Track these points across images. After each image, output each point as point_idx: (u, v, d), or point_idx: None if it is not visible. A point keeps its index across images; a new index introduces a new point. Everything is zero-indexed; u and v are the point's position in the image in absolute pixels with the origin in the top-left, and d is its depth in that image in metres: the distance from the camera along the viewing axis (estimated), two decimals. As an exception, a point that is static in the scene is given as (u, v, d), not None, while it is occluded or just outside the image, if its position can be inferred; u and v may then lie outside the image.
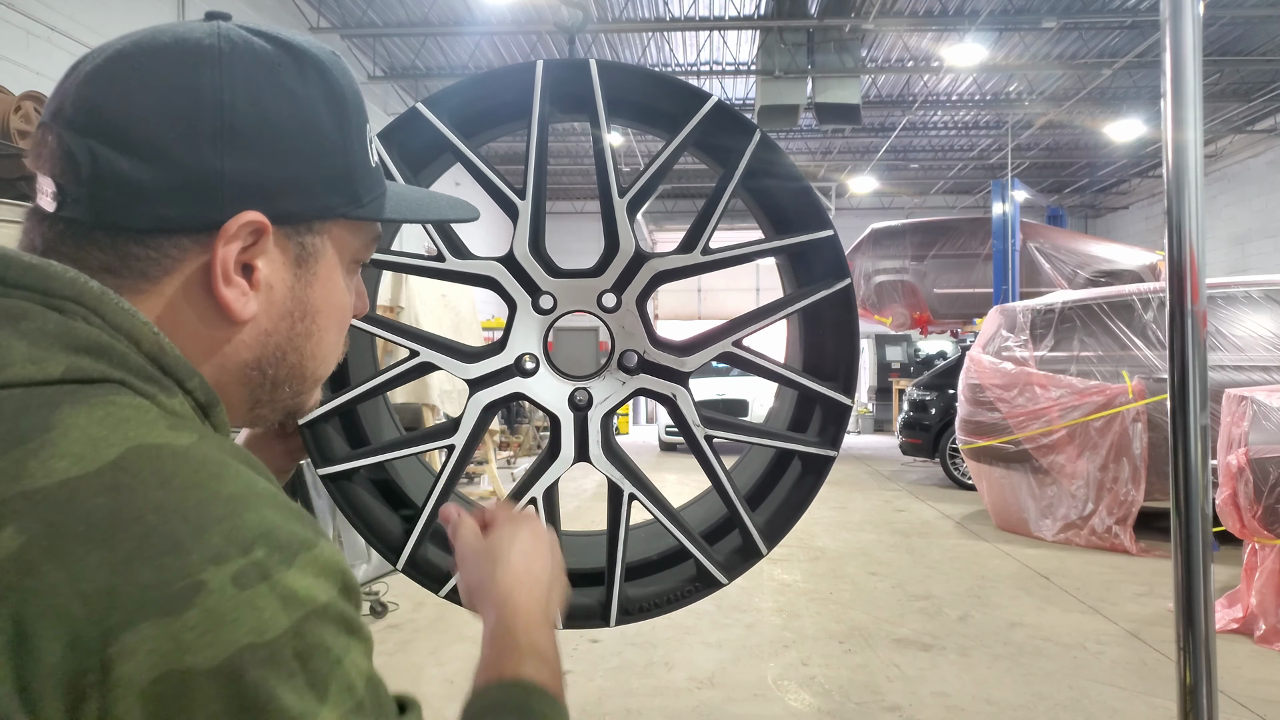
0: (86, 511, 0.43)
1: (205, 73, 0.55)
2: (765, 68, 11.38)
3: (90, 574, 0.41)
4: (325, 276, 0.63)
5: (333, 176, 0.61)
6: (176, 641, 0.41)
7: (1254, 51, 12.22)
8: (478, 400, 1.20)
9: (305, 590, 0.46)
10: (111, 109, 0.54)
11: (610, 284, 1.17)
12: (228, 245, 0.56)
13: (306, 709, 0.44)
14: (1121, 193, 20.58)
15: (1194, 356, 1.22)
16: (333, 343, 0.67)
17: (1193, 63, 1.19)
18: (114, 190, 0.54)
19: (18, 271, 0.51)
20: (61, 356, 0.49)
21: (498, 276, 1.19)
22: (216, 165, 0.55)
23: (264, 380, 0.62)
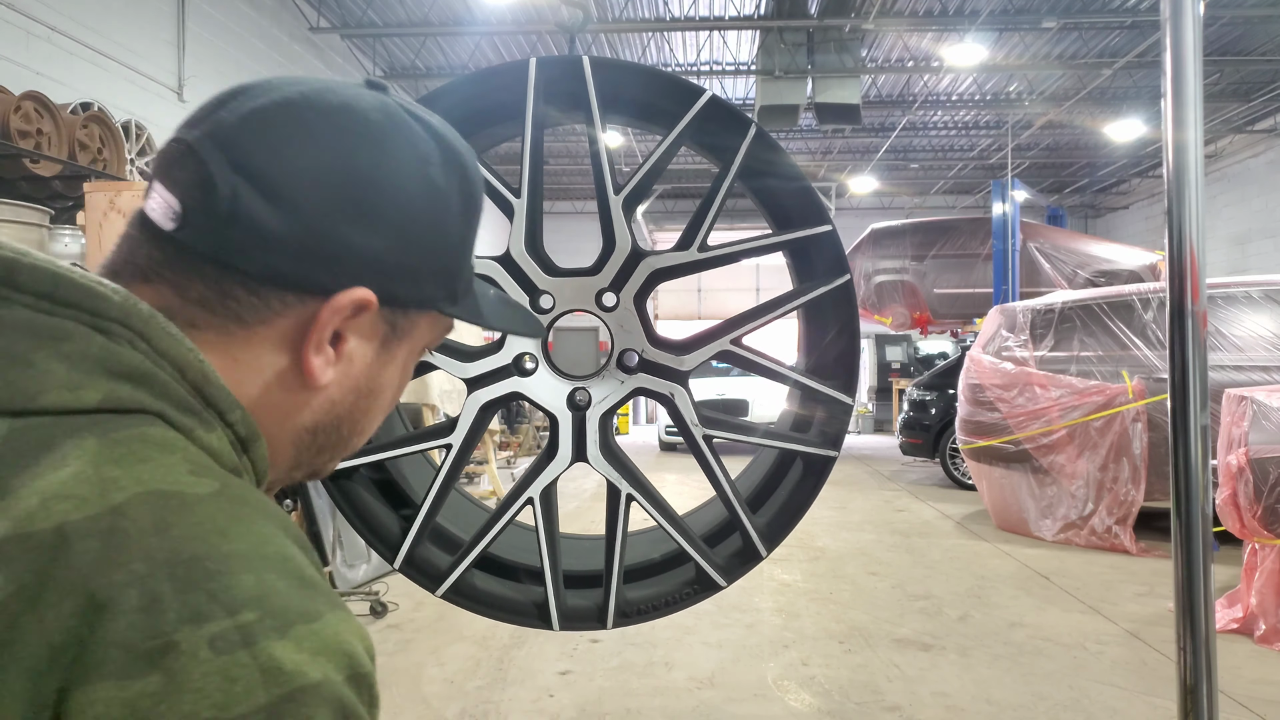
0: (73, 557, 0.40)
1: (364, 149, 0.56)
2: (765, 68, 11.38)
3: (61, 625, 0.39)
4: (402, 361, 0.64)
5: (443, 271, 0.62)
6: (130, 708, 0.38)
7: (1254, 51, 12.22)
8: (475, 399, 1.20)
9: (294, 665, 0.41)
10: (268, 156, 0.54)
11: (608, 282, 1.17)
12: (333, 314, 0.56)
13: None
14: (1121, 193, 20.58)
15: (1194, 356, 1.22)
16: (377, 422, 0.67)
17: (1193, 63, 1.19)
18: (243, 232, 0.53)
19: (68, 289, 0.50)
20: (101, 383, 0.47)
21: (495, 276, 1.19)
22: (347, 237, 0.55)
23: (313, 444, 0.63)
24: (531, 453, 12.34)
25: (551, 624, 1.22)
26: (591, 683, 3.75)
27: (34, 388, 0.46)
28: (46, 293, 0.49)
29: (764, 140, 1.16)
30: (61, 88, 6.45)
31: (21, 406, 0.45)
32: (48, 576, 0.40)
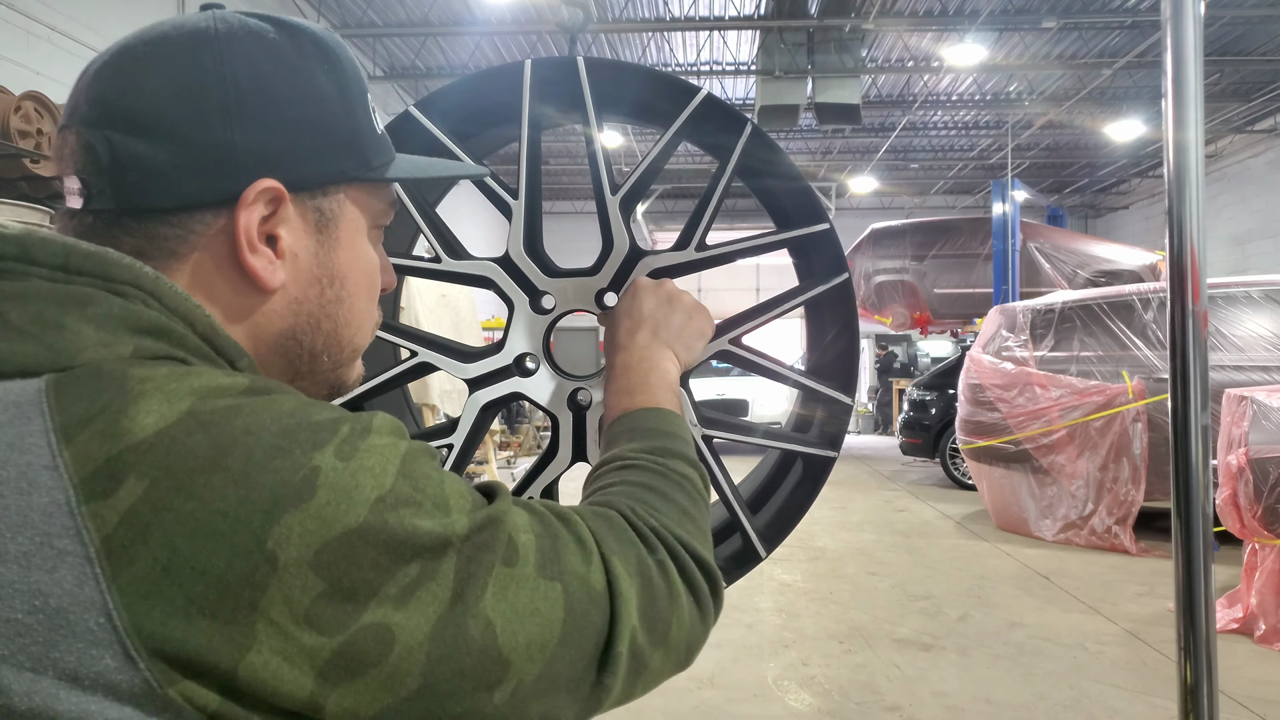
0: (189, 449, 0.47)
1: (206, 52, 0.58)
2: (765, 68, 11.37)
3: (219, 494, 0.46)
4: (348, 241, 0.65)
5: (340, 142, 0.63)
6: (321, 519, 0.47)
7: (1254, 51, 12.22)
8: (475, 400, 1.20)
9: (391, 443, 0.53)
10: (121, 97, 0.57)
11: (607, 282, 1.17)
12: (248, 213, 0.58)
13: (440, 521, 0.52)
14: (1121, 193, 20.57)
15: (1195, 356, 1.22)
16: (364, 309, 0.69)
17: (1194, 63, 1.19)
18: (134, 174, 0.56)
19: (79, 259, 0.53)
20: (128, 338, 0.52)
21: (494, 277, 1.19)
22: (227, 138, 0.57)
23: (301, 351, 0.65)
24: (532, 453, 12.34)
25: None
26: (592, 683, 3.75)
27: (73, 347, 0.50)
28: (60, 264, 0.53)
29: (760, 138, 1.15)
30: (62, 88, 6.45)
31: (66, 364, 0.49)
32: (178, 468, 0.46)
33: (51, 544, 0.44)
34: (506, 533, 0.55)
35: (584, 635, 0.57)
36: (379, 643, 0.48)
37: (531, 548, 0.56)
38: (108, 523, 0.44)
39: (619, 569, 0.60)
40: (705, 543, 0.71)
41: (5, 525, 0.44)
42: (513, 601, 0.53)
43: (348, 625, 0.47)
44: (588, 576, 0.58)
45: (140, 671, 0.44)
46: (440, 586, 0.50)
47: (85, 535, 0.44)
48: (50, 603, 0.43)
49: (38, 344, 0.49)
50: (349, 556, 0.47)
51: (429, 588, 0.50)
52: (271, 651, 0.45)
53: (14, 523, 0.44)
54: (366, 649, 0.48)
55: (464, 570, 0.52)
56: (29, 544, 0.44)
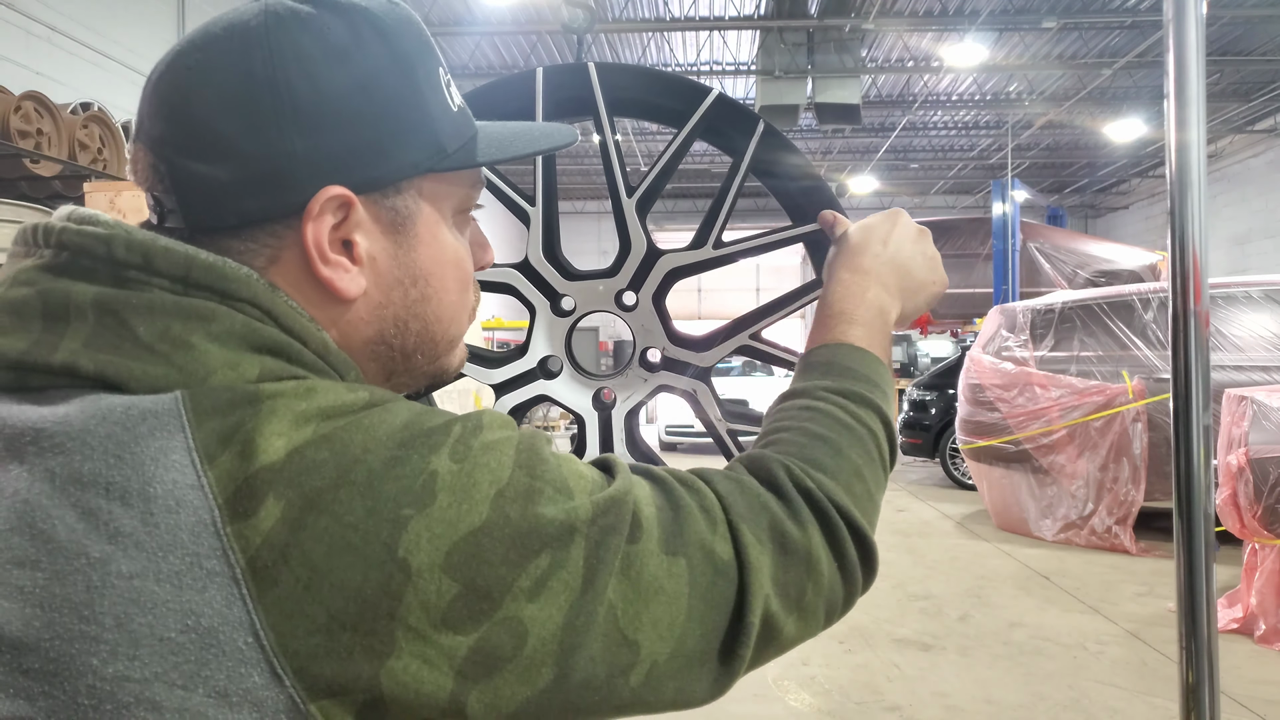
0: (318, 467, 0.47)
1: (255, 56, 0.54)
2: (765, 68, 11.37)
3: (349, 508, 0.46)
4: (428, 237, 0.62)
5: (409, 132, 0.58)
6: (445, 521, 0.48)
7: (1254, 51, 12.22)
8: (503, 404, 1.21)
9: (504, 436, 0.53)
10: (175, 115, 0.55)
11: (626, 283, 1.18)
12: (315, 224, 0.55)
13: (563, 508, 0.51)
14: (1121, 193, 20.58)
15: (1196, 356, 1.22)
16: (455, 301, 0.65)
17: (1196, 63, 1.19)
18: (196, 195, 0.54)
19: (200, 271, 0.52)
20: (253, 358, 0.51)
21: (515, 283, 1.19)
22: (285, 148, 0.54)
23: (393, 353, 0.63)
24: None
25: None
26: (592, 683, 3.75)
27: (203, 370, 0.50)
28: (181, 276, 0.52)
29: (773, 136, 1.16)
30: (61, 88, 6.45)
31: (197, 386, 0.49)
32: (310, 487, 0.46)
33: (201, 564, 0.45)
34: (630, 510, 0.54)
35: (712, 609, 0.56)
36: (513, 636, 0.48)
37: (654, 521, 0.55)
38: (251, 544, 0.45)
39: (748, 537, 0.58)
40: (868, 507, 0.67)
41: (157, 543, 0.45)
42: (635, 581, 0.53)
43: (482, 623, 0.48)
44: (713, 547, 0.57)
45: (285, 689, 0.44)
46: (571, 574, 0.50)
47: (231, 556, 0.45)
48: (201, 622, 0.44)
49: (168, 365, 0.49)
50: (479, 555, 0.48)
51: (560, 576, 0.50)
52: (411, 656, 0.46)
53: (165, 541, 0.45)
54: (501, 644, 0.48)
55: (593, 555, 0.51)
56: (180, 563, 0.44)
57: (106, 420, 0.47)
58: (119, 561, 0.44)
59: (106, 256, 0.51)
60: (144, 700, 0.43)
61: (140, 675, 0.43)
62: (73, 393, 0.49)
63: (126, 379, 0.49)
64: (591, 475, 0.56)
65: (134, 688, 0.43)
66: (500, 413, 0.56)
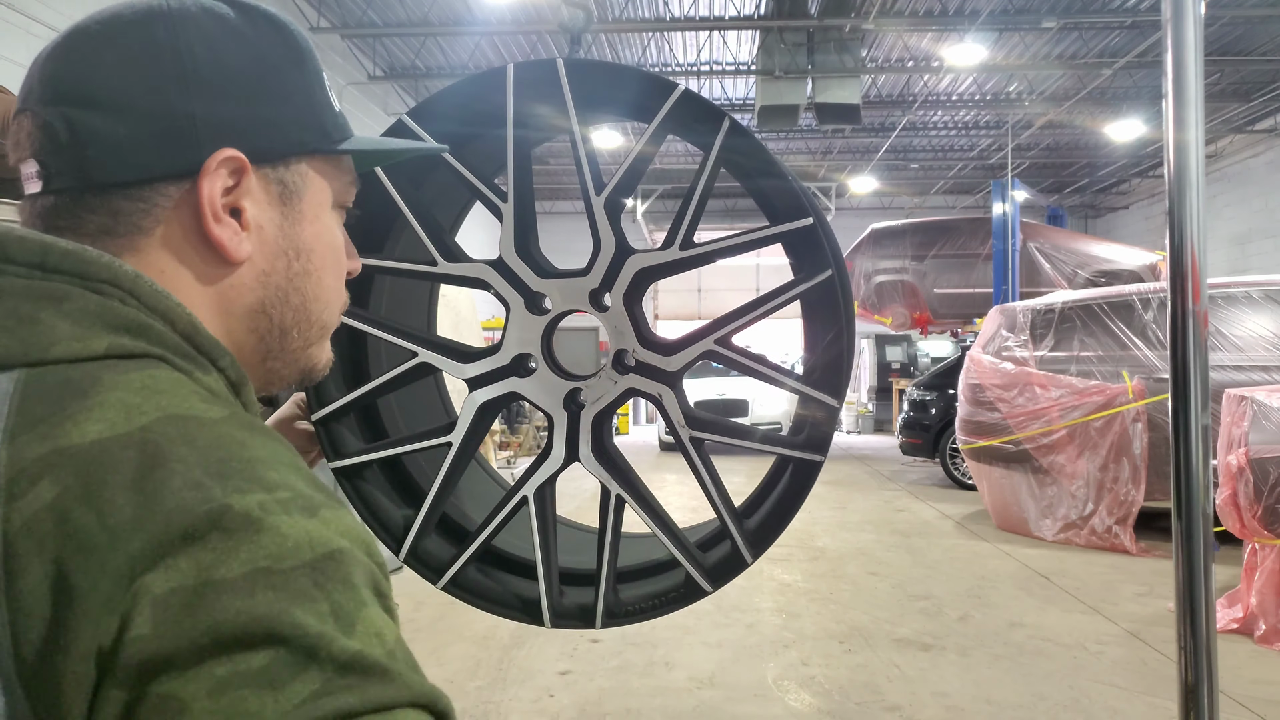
0: (115, 462, 0.45)
1: (159, 26, 0.57)
2: (765, 68, 11.37)
3: (117, 511, 0.43)
4: (312, 215, 0.65)
5: (299, 113, 0.63)
6: (196, 560, 0.43)
7: (1254, 51, 12.22)
8: (474, 399, 1.21)
9: (327, 535, 0.47)
10: (76, 74, 0.56)
11: (597, 283, 1.17)
12: (210, 182, 0.57)
13: (328, 631, 0.43)
14: (1121, 193, 20.57)
15: (1195, 356, 1.22)
16: (332, 285, 0.68)
17: (1194, 63, 1.19)
18: (93, 149, 0.56)
19: (56, 257, 0.52)
20: (104, 335, 0.51)
21: (488, 279, 1.19)
22: (186, 109, 0.57)
23: (271, 326, 0.64)
24: (531, 453, 12.34)
25: (543, 621, 1.23)
26: (592, 683, 3.75)
27: (45, 340, 0.49)
28: (37, 262, 0.52)
29: (740, 134, 1.15)
30: (61, 88, 6.45)
31: (38, 358, 0.49)
32: (93, 478, 0.44)
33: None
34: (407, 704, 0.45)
35: None
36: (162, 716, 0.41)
37: None
38: (13, 526, 0.43)
39: None
40: None
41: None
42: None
43: (145, 684, 0.41)
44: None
45: (16, 700, 0.41)
46: (276, 700, 0.41)
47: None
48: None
49: (10, 337, 0.49)
50: (197, 609, 0.42)
51: (258, 696, 0.41)
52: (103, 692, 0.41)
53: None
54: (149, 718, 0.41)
55: (310, 705, 0.42)
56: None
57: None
58: None
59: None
60: None
61: None
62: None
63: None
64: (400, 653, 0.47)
65: None
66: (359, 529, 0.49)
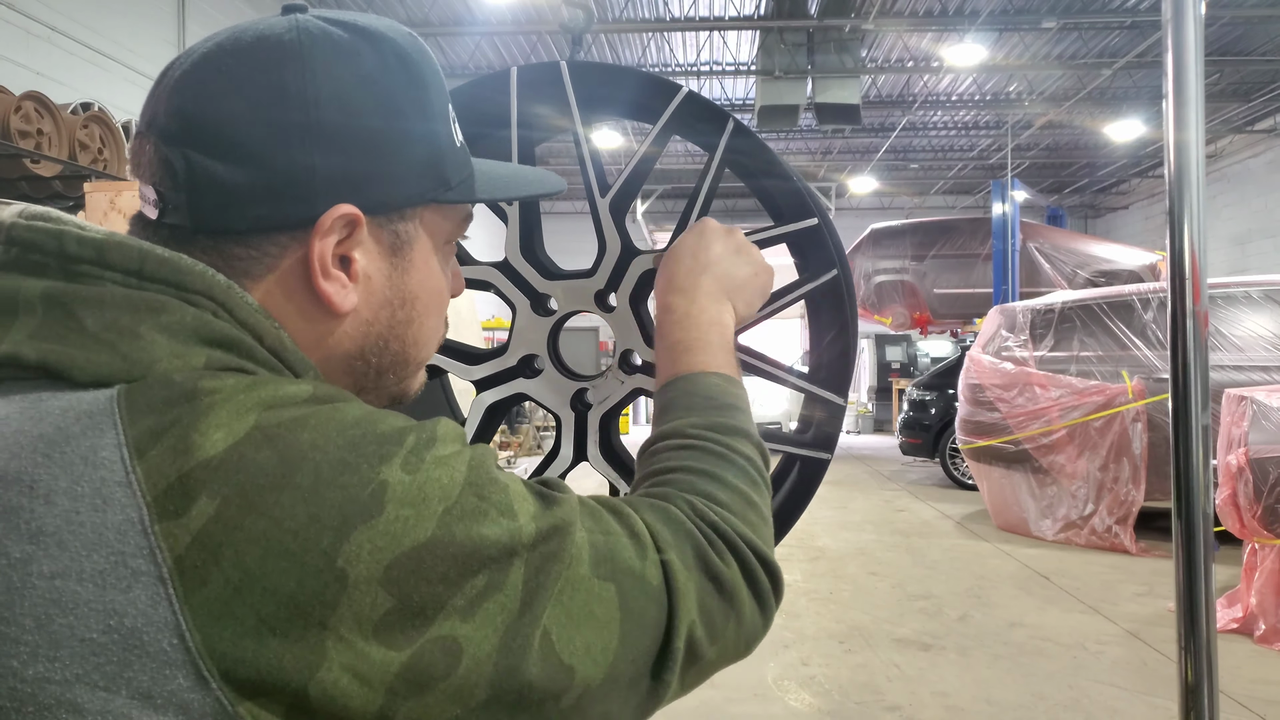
0: (259, 466, 0.46)
1: (289, 70, 0.56)
2: (765, 68, 11.37)
3: (289, 512, 0.45)
4: (421, 263, 0.64)
5: (420, 163, 0.61)
6: (389, 534, 0.47)
7: (1254, 51, 12.22)
8: (481, 401, 1.21)
9: (455, 451, 0.53)
10: (202, 115, 0.56)
11: (603, 284, 1.18)
12: (324, 239, 0.57)
13: (506, 530, 0.51)
14: (1121, 193, 20.57)
15: (1195, 356, 1.22)
16: (433, 327, 0.68)
17: (1194, 63, 1.19)
18: (211, 195, 0.55)
19: (154, 265, 0.53)
20: (200, 350, 0.52)
21: (494, 281, 1.20)
22: (307, 162, 0.56)
23: (368, 369, 0.64)
24: (531, 453, 12.34)
25: None
26: (592, 683, 3.75)
27: (147, 358, 0.50)
28: (135, 270, 0.52)
29: (744, 134, 1.15)
30: (61, 88, 6.45)
31: (140, 375, 0.49)
32: (246, 484, 0.45)
33: (126, 563, 0.44)
34: (571, 538, 0.55)
35: (643, 632, 0.56)
36: (447, 655, 0.48)
37: (585, 546, 0.55)
38: (180, 542, 0.44)
39: (676, 563, 0.59)
40: (767, 534, 0.69)
41: (81, 543, 0.44)
42: (568, 606, 0.53)
43: (415, 639, 0.47)
44: (643, 573, 0.57)
45: (212, 692, 0.44)
46: (508, 597, 0.50)
47: (159, 555, 0.44)
48: (125, 622, 0.43)
49: (112, 353, 0.49)
50: (418, 571, 0.47)
51: (496, 599, 0.50)
52: (342, 669, 0.45)
53: (89, 540, 0.44)
54: (435, 662, 0.47)
55: (532, 580, 0.51)
56: (104, 562, 0.44)
57: (42, 420, 0.47)
58: (40, 561, 0.43)
59: (57, 251, 0.52)
60: (65, 702, 0.42)
61: (61, 677, 0.42)
62: (17, 386, 0.49)
63: (69, 366, 0.49)
64: (538, 500, 0.55)
65: (55, 689, 0.42)
66: (456, 426, 0.55)
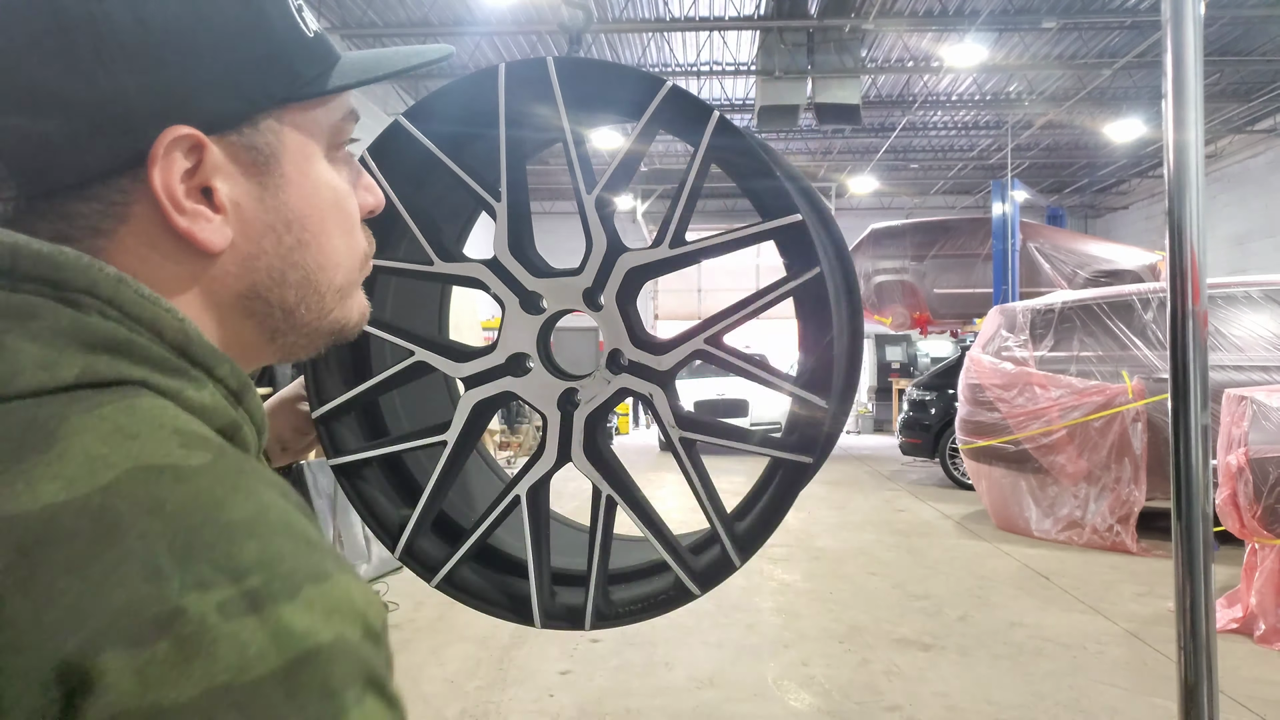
0: (64, 537, 0.38)
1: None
2: (765, 68, 11.37)
3: (56, 600, 0.37)
4: (298, 176, 0.56)
5: (257, 60, 0.53)
6: (142, 675, 0.36)
7: (1254, 51, 12.22)
8: (468, 399, 1.21)
9: (305, 626, 0.40)
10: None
11: (590, 282, 1.17)
12: (163, 169, 0.50)
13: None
14: (1121, 193, 20.58)
15: (1195, 357, 1.22)
16: (339, 246, 0.59)
17: (1194, 63, 1.19)
18: (27, 154, 0.48)
19: (28, 262, 0.46)
20: (76, 358, 0.45)
21: (483, 279, 1.20)
22: (116, 88, 0.48)
23: (271, 309, 0.57)
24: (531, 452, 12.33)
25: (533, 621, 1.23)
26: (592, 682, 3.75)
27: (7, 371, 0.43)
28: (7, 269, 0.46)
29: (729, 130, 1.14)
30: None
31: (1, 393, 0.43)
32: (36, 558, 0.37)
33: None
34: None
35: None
36: None
37: None
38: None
39: None
40: None
41: None
42: None
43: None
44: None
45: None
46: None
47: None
48: None
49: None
50: None
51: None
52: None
53: None
54: None
55: None
56: None
57: None
58: None
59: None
60: None
61: None
62: None
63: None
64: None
65: None
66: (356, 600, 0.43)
